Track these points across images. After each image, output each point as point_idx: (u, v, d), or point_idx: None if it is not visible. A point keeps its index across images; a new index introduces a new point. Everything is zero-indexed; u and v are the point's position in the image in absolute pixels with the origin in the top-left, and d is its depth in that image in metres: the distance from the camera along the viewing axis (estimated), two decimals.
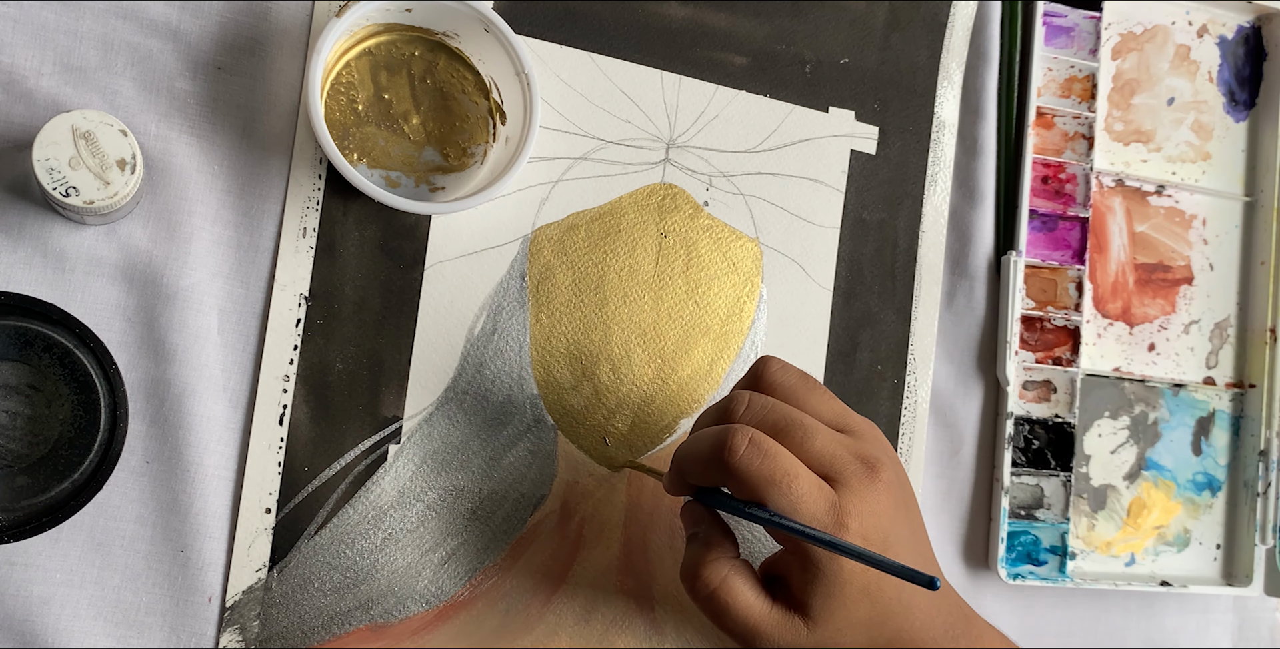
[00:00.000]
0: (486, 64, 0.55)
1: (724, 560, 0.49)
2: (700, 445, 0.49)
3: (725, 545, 0.50)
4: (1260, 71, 0.72)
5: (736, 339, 0.60)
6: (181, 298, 0.51)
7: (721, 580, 0.49)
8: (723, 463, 0.47)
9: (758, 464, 0.47)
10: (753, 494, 0.47)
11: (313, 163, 0.54)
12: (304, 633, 0.52)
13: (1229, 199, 0.71)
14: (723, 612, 0.49)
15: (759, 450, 0.47)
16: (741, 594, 0.49)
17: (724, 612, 0.49)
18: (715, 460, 0.47)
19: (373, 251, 0.54)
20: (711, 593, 0.49)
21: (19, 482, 0.47)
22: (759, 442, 0.47)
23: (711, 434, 0.48)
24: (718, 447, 0.47)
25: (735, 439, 0.47)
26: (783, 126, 0.61)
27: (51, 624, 0.49)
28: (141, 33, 0.52)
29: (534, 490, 0.56)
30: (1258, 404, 0.69)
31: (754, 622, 0.49)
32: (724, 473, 0.47)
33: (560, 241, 0.57)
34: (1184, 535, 0.69)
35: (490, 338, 0.56)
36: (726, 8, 0.60)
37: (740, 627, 0.49)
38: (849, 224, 0.62)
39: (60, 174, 0.46)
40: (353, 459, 0.53)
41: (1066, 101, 0.66)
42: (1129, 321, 0.68)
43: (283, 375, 0.53)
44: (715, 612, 0.49)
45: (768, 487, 0.46)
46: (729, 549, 0.50)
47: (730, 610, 0.49)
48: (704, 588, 0.49)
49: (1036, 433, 0.65)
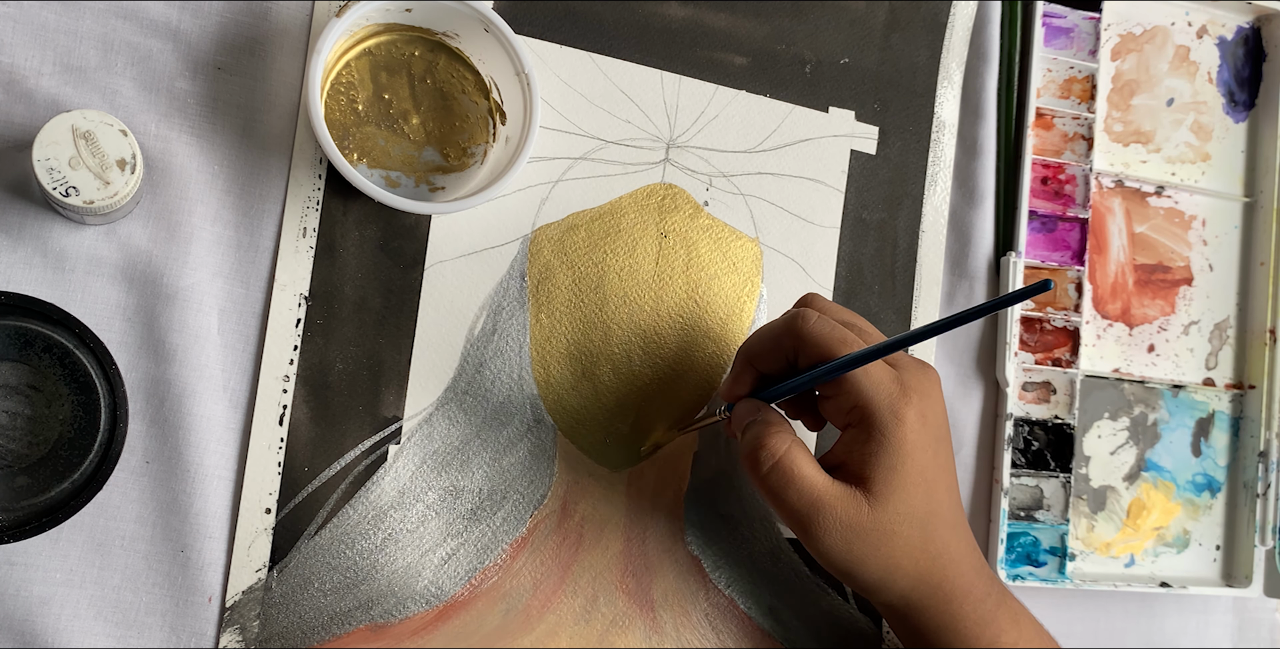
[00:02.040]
0: (486, 64, 0.55)
1: (786, 434, 0.50)
2: (772, 325, 0.52)
3: (784, 425, 0.51)
4: (1260, 72, 0.72)
5: (736, 339, 0.60)
6: (181, 298, 0.51)
7: (785, 451, 0.50)
8: (796, 330, 0.50)
9: (829, 329, 0.50)
10: (823, 354, 0.49)
11: (313, 163, 0.54)
12: (304, 633, 0.52)
13: (1228, 200, 0.71)
14: (786, 483, 0.49)
15: (828, 322, 0.50)
16: (804, 466, 0.50)
17: (787, 483, 0.49)
18: (789, 332, 0.50)
19: (373, 251, 0.54)
20: (775, 463, 0.49)
21: (19, 482, 0.47)
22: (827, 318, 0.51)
23: (782, 316, 0.51)
24: (791, 318, 0.50)
25: (808, 311, 0.51)
26: (783, 127, 0.61)
27: (51, 624, 0.49)
28: (141, 33, 0.52)
29: (534, 490, 0.56)
30: (1257, 405, 0.69)
31: (817, 494, 0.49)
32: (797, 339, 0.50)
33: (560, 241, 0.57)
34: (1184, 536, 0.69)
35: (490, 338, 0.56)
36: (726, 8, 0.61)
37: (803, 500, 0.49)
38: (849, 224, 0.62)
39: (60, 174, 0.46)
40: (353, 459, 0.53)
41: (1066, 102, 0.67)
42: (1128, 323, 0.68)
43: (283, 375, 0.53)
44: (778, 485, 0.50)
45: (839, 345, 0.49)
46: (788, 428, 0.51)
47: (794, 482, 0.49)
48: (768, 459, 0.50)
49: (1036, 434, 0.65)
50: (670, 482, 0.58)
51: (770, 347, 0.52)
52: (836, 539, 0.49)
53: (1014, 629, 0.53)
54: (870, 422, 0.49)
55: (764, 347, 0.52)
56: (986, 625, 0.53)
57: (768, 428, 0.51)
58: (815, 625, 0.60)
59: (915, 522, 0.50)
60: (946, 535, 0.52)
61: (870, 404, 0.49)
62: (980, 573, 0.53)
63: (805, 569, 0.60)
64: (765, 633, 0.59)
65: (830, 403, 0.51)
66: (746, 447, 0.51)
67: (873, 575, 0.51)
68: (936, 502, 0.51)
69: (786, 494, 0.50)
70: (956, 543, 0.52)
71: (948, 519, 0.52)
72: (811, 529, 0.49)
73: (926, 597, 0.52)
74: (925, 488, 0.50)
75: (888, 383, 0.50)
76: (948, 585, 0.52)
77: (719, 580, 0.59)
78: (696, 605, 0.58)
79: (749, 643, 0.59)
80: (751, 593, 0.59)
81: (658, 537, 0.58)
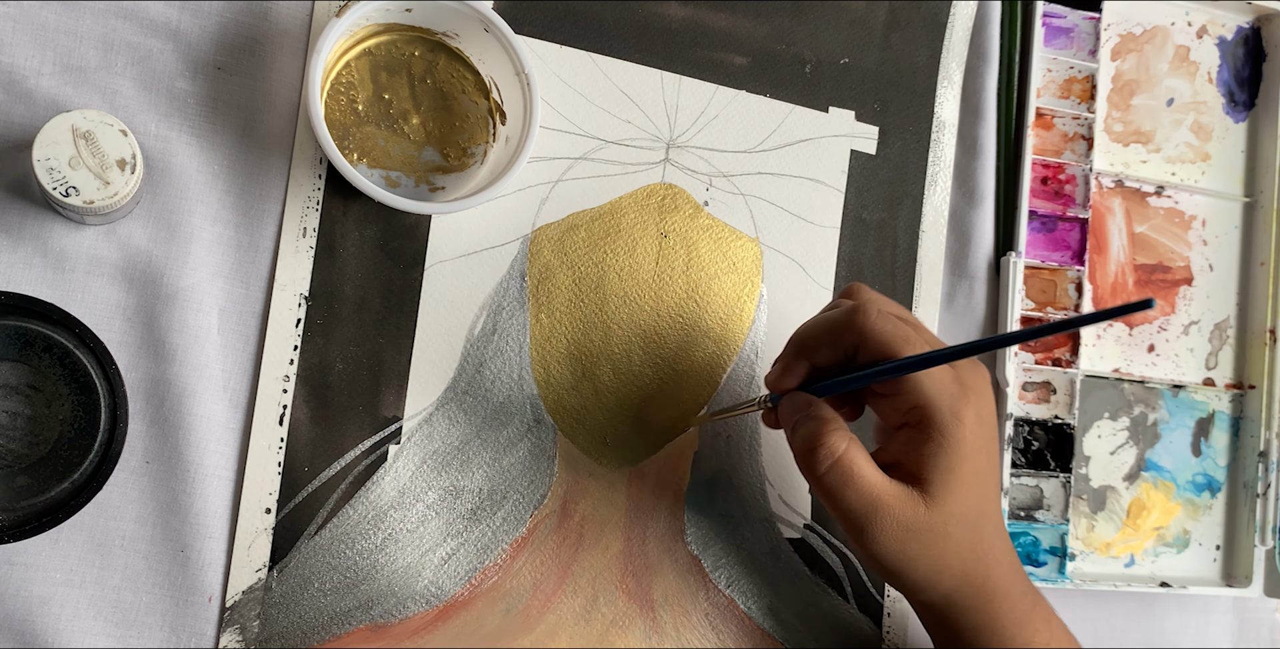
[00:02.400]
0: (486, 64, 0.55)
1: (844, 432, 0.49)
2: (829, 316, 0.50)
3: (840, 421, 0.50)
4: (1259, 72, 0.72)
5: (736, 339, 0.60)
6: (181, 298, 0.51)
7: (845, 449, 0.48)
8: (857, 325, 0.49)
9: (892, 327, 0.48)
10: (886, 352, 0.48)
11: (313, 163, 0.54)
12: (304, 633, 0.52)
13: (1228, 200, 0.71)
14: (844, 483, 0.48)
15: (890, 319, 0.49)
16: (863, 465, 0.49)
17: (846, 483, 0.48)
18: (849, 325, 0.49)
19: (373, 251, 0.54)
20: (835, 463, 0.48)
21: (19, 482, 0.47)
22: (888, 314, 0.49)
23: (840, 308, 0.50)
24: (851, 313, 0.49)
25: (869, 305, 0.49)
26: (783, 126, 0.61)
27: (51, 624, 0.49)
28: (141, 33, 0.52)
29: (534, 490, 0.56)
30: (1257, 405, 0.69)
31: (876, 494, 0.48)
32: (857, 334, 0.49)
33: (560, 241, 0.57)
34: (1183, 536, 0.69)
35: (490, 338, 0.56)
36: (726, 8, 0.61)
37: (862, 500, 0.48)
38: (849, 224, 0.62)
39: (60, 174, 0.46)
40: (353, 459, 0.53)
41: (1066, 102, 0.67)
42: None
43: (283, 375, 0.53)
44: (836, 484, 0.48)
45: (902, 344, 0.48)
46: (844, 425, 0.50)
47: (853, 481, 0.48)
48: (827, 457, 0.48)
49: (1036, 434, 0.65)
50: (670, 482, 0.58)
51: (828, 340, 0.50)
52: (892, 539, 0.49)
53: (1047, 630, 0.53)
54: (930, 422, 0.49)
55: (820, 339, 0.50)
56: (1022, 625, 0.52)
57: (824, 425, 0.49)
58: (815, 625, 0.60)
59: (968, 523, 0.50)
60: (993, 536, 0.51)
61: (932, 405, 0.48)
62: (1018, 573, 0.53)
63: (805, 569, 0.60)
64: (765, 633, 0.59)
65: (887, 401, 0.50)
66: (802, 444, 0.50)
67: (920, 575, 0.50)
68: (988, 502, 0.50)
69: (845, 494, 0.48)
70: (1000, 543, 0.52)
71: (994, 519, 0.51)
72: (869, 530, 0.49)
73: (969, 597, 0.52)
74: (979, 489, 0.50)
75: (949, 383, 0.49)
76: (990, 585, 0.52)
77: (719, 580, 0.59)
78: (696, 605, 0.58)
79: (749, 643, 0.59)
80: (751, 593, 0.59)
81: (658, 537, 0.58)
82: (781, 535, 0.60)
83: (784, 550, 0.60)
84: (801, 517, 0.60)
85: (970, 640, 0.53)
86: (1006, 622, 0.52)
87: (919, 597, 0.53)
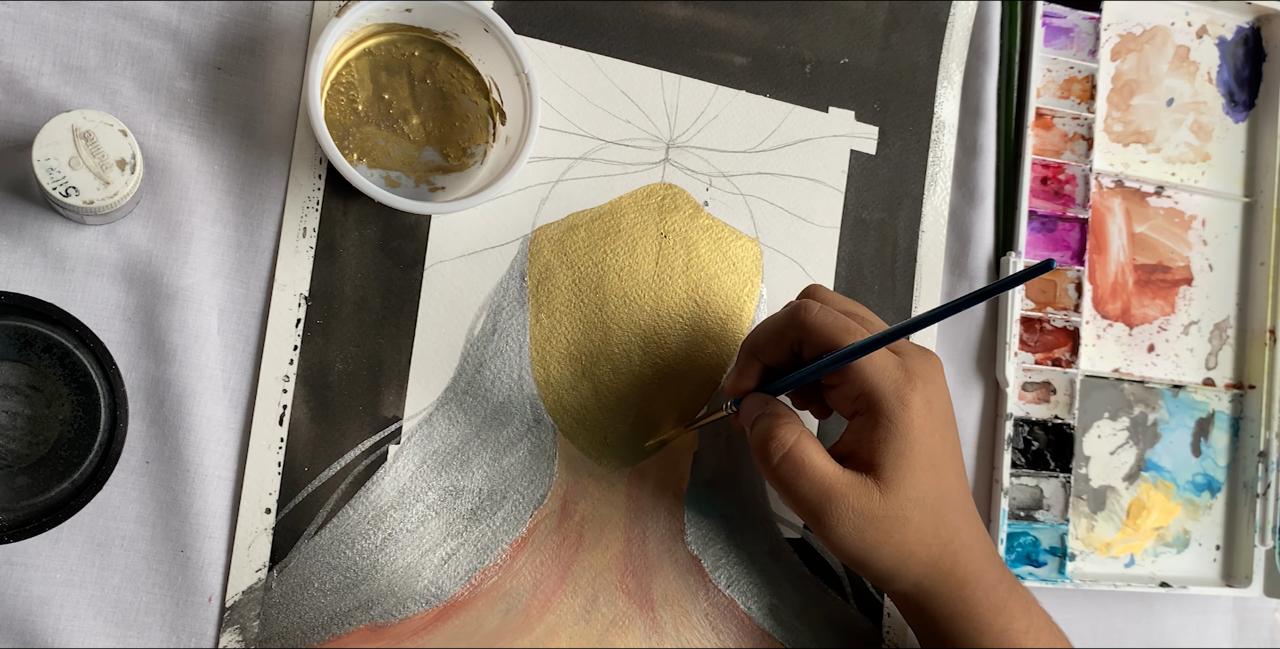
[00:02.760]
0: (486, 64, 0.55)
1: (795, 425, 0.51)
2: (774, 318, 0.53)
3: (793, 416, 0.52)
4: (1259, 72, 0.72)
5: (736, 339, 0.60)
6: (181, 298, 0.51)
7: (795, 441, 0.50)
8: (799, 321, 0.50)
9: (831, 319, 0.50)
10: (827, 344, 0.50)
11: (313, 163, 0.54)
12: (304, 633, 0.52)
13: (1228, 200, 0.71)
14: (796, 473, 0.50)
15: (831, 312, 0.50)
16: (814, 455, 0.50)
17: (798, 473, 0.50)
18: (791, 322, 0.51)
19: (373, 251, 0.54)
20: (786, 454, 0.50)
21: (19, 482, 0.47)
22: (830, 309, 0.51)
23: (784, 308, 0.52)
24: (794, 310, 0.51)
25: (810, 302, 0.51)
26: (783, 126, 0.61)
27: (51, 624, 0.49)
28: (141, 33, 0.52)
29: (534, 490, 0.56)
30: (1257, 405, 0.69)
31: (829, 483, 0.50)
32: (800, 330, 0.51)
33: (560, 241, 0.57)
34: (1183, 536, 0.69)
35: (490, 338, 0.56)
36: (726, 8, 0.61)
37: (815, 489, 0.50)
38: (849, 224, 0.62)
39: (60, 174, 0.46)
40: (353, 459, 0.53)
41: (1066, 102, 0.67)
42: (1128, 323, 0.68)
43: (283, 375, 0.53)
44: (789, 475, 0.50)
45: (843, 334, 0.49)
46: (797, 419, 0.52)
47: (804, 471, 0.50)
48: (778, 450, 0.50)
49: (1036, 434, 0.65)
50: (670, 482, 0.58)
51: (774, 339, 0.52)
52: (849, 527, 0.50)
53: (1025, 617, 0.53)
54: (876, 408, 0.50)
55: (767, 339, 0.52)
56: (999, 612, 0.53)
57: (776, 420, 0.51)
58: (815, 625, 0.60)
59: (926, 507, 0.50)
60: (957, 521, 0.52)
61: (876, 391, 0.50)
62: (991, 560, 0.53)
63: (805, 569, 0.60)
64: (765, 633, 0.59)
65: (836, 392, 0.52)
66: (756, 439, 0.51)
67: (886, 563, 0.51)
68: (946, 486, 0.51)
69: (798, 484, 0.50)
70: (967, 528, 0.52)
71: (957, 504, 0.52)
72: (824, 518, 0.50)
73: (939, 583, 0.52)
74: (934, 473, 0.50)
75: (892, 369, 0.50)
76: (960, 571, 0.52)
77: (719, 580, 0.59)
78: (696, 605, 0.58)
79: (749, 643, 0.59)
80: (751, 593, 0.59)
81: (658, 537, 0.58)
82: (781, 535, 0.60)
83: (784, 550, 0.60)
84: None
85: (946, 629, 0.53)
86: (982, 608, 0.52)
87: (891, 587, 0.53)
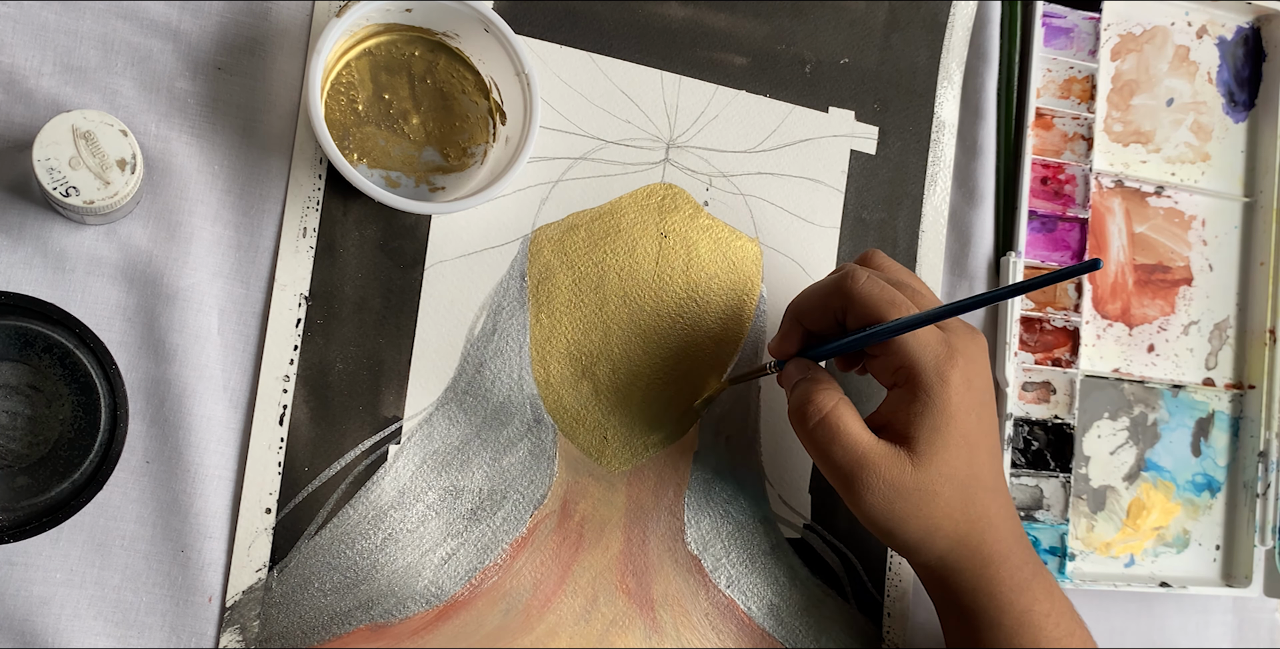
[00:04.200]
0: (486, 64, 0.55)
1: (834, 392, 0.51)
2: (820, 284, 0.52)
3: (832, 382, 0.52)
4: (1259, 72, 0.72)
5: (736, 339, 0.60)
6: (181, 298, 0.51)
7: (833, 407, 0.50)
8: (845, 290, 0.50)
9: (878, 290, 0.50)
10: (871, 316, 0.50)
11: (313, 163, 0.54)
12: (304, 633, 0.52)
13: (1228, 200, 0.71)
14: (832, 438, 0.50)
15: (878, 283, 0.50)
16: (850, 422, 0.50)
17: (833, 438, 0.50)
18: (837, 290, 0.50)
19: (373, 251, 0.54)
20: (823, 418, 0.50)
21: (19, 482, 0.47)
22: (878, 278, 0.50)
23: (831, 275, 0.52)
24: (841, 278, 0.51)
25: (858, 271, 0.51)
26: (783, 126, 0.61)
27: (51, 624, 0.49)
28: (141, 33, 0.52)
29: (534, 490, 0.56)
30: (1257, 405, 0.69)
31: (862, 450, 0.50)
32: (845, 299, 0.50)
33: (560, 242, 0.57)
34: (1183, 536, 0.69)
35: (490, 338, 0.56)
36: (726, 8, 0.61)
37: (848, 455, 0.50)
38: (849, 224, 0.62)
39: (60, 174, 0.46)
40: (353, 459, 0.53)
41: (1066, 102, 0.67)
42: (1128, 323, 0.68)
43: (283, 375, 0.53)
44: (824, 439, 0.50)
45: (888, 307, 0.49)
46: (836, 386, 0.52)
47: (839, 436, 0.50)
48: (815, 413, 0.50)
49: (1036, 434, 0.65)
50: (670, 481, 0.58)
51: (818, 305, 0.52)
52: (878, 497, 0.50)
53: (1048, 601, 0.54)
54: (915, 382, 0.50)
55: (812, 305, 0.52)
56: (1021, 592, 0.53)
57: (815, 385, 0.51)
58: (815, 625, 0.60)
59: (956, 483, 0.50)
60: (986, 499, 0.52)
61: (916, 365, 0.50)
62: (1019, 541, 0.53)
63: (805, 570, 0.60)
64: (765, 633, 0.59)
65: (877, 362, 0.52)
66: (795, 402, 0.52)
67: (913, 535, 0.51)
68: (978, 465, 0.51)
69: (831, 449, 0.50)
70: (997, 508, 0.52)
71: (988, 483, 0.52)
72: (854, 486, 0.50)
73: (964, 559, 0.52)
74: (968, 450, 0.50)
75: (935, 345, 0.50)
76: (986, 549, 0.52)
77: (719, 580, 0.59)
78: (696, 605, 0.58)
79: (749, 643, 0.59)
80: (752, 593, 0.59)
81: (658, 537, 0.58)
82: (781, 535, 0.60)
83: (784, 550, 0.60)
84: (801, 517, 0.60)
85: (969, 604, 0.53)
86: (1005, 587, 0.53)
87: (915, 558, 0.53)
